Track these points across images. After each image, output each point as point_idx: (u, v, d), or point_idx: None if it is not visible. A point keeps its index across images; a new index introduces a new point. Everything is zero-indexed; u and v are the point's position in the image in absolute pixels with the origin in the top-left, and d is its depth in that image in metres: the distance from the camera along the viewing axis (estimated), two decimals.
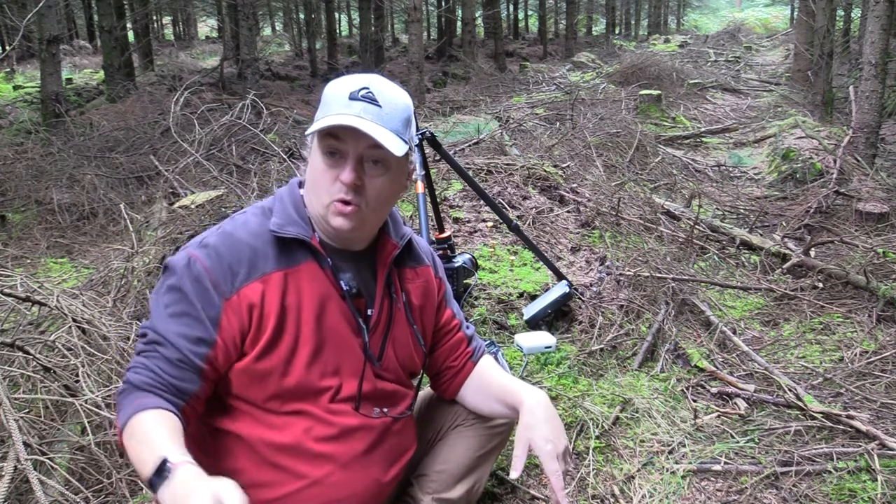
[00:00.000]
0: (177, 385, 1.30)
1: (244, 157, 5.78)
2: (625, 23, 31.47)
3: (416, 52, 10.78)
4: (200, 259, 1.34)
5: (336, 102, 1.35)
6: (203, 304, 1.33)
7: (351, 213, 1.35)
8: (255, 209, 1.46)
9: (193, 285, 1.33)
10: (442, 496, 1.64)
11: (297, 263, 1.40)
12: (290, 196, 1.46)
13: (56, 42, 8.11)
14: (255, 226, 1.41)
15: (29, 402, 2.24)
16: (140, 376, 1.30)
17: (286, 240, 1.39)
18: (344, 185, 1.33)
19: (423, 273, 1.60)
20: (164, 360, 1.31)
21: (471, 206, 4.35)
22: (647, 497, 2.10)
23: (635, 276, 3.41)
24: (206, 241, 1.38)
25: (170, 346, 1.31)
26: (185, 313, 1.33)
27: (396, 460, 1.54)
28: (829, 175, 5.32)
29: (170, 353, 1.31)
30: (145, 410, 1.24)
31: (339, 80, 1.40)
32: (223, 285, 1.34)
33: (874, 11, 5.69)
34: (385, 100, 1.35)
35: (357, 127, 1.29)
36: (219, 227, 1.42)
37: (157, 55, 16.57)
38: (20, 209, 5.43)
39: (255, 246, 1.38)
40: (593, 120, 7.42)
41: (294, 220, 1.41)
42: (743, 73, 13.94)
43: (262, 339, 1.36)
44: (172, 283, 1.35)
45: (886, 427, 2.39)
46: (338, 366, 1.42)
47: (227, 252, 1.36)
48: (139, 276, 3.13)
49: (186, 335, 1.32)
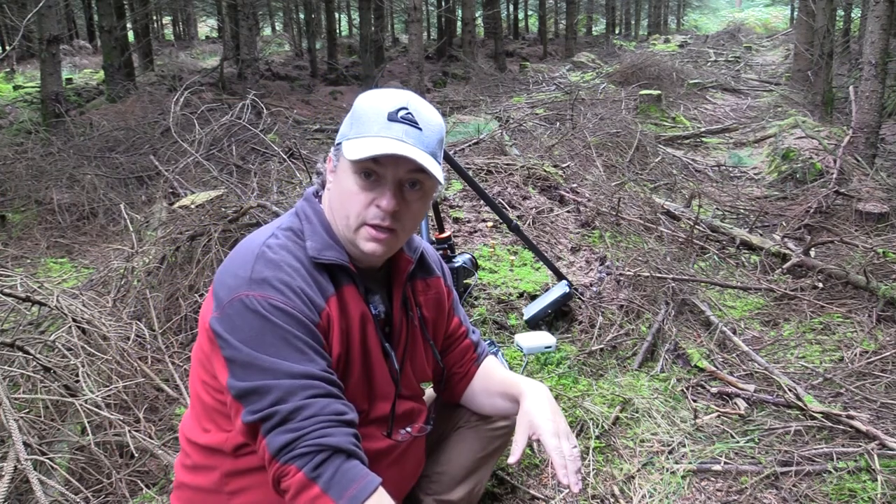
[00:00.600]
0: (353, 420, 1.24)
1: (244, 157, 5.78)
2: (625, 23, 31.47)
3: (416, 52, 10.78)
4: (270, 296, 1.23)
5: (374, 122, 1.28)
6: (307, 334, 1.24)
7: (385, 239, 1.31)
8: (286, 232, 1.36)
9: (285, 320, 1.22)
10: (443, 498, 1.65)
11: (341, 286, 1.34)
12: (317, 215, 1.38)
13: (56, 42, 8.10)
14: (297, 250, 1.32)
15: (29, 402, 2.24)
16: (335, 437, 1.17)
17: (326, 265, 1.33)
18: (383, 211, 1.28)
19: (435, 284, 1.58)
20: (330, 401, 1.21)
21: (471, 206, 4.35)
22: (647, 497, 2.10)
23: (635, 276, 3.41)
24: (256, 276, 1.24)
25: (323, 383, 1.22)
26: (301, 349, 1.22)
27: (409, 481, 1.57)
28: (829, 175, 5.32)
29: (327, 388, 1.22)
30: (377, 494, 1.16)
31: (373, 96, 1.34)
32: (308, 312, 1.25)
33: (874, 11, 5.69)
34: (424, 121, 1.31)
35: (406, 155, 1.24)
36: (260, 257, 1.28)
37: (157, 55, 16.57)
38: (20, 209, 5.43)
39: (310, 270, 1.31)
40: (593, 120, 7.42)
41: (329, 244, 1.34)
42: (743, 73, 13.94)
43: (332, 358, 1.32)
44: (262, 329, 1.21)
45: (886, 427, 2.39)
46: (369, 389, 1.41)
47: (292, 280, 1.26)
48: (139, 276, 3.13)
49: (321, 367, 1.23)
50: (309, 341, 1.23)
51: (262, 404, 1.18)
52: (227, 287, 1.26)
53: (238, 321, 1.22)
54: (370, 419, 1.41)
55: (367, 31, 15.42)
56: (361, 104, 1.33)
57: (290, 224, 1.37)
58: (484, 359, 1.70)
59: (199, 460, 1.37)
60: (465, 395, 1.68)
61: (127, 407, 2.31)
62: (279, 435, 1.16)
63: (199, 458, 1.37)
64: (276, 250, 1.30)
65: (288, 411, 1.17)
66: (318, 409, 1.18)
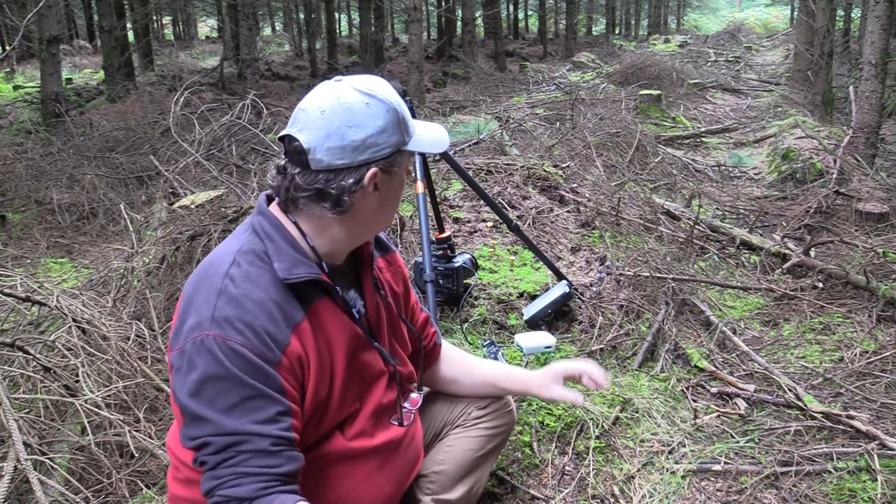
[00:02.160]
0: (286, 472, 1.20)
1: (244, 157, 5.78)
2: (625, 23, 31.46)
3: (416, 52, 10.78)
4: (228, 337, 1.19)
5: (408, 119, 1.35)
6: (260, 380, 1.20)
7: None
8: (247, 256, 1.29)
9: (238, 364, 1.19)
10: (441, 497, 1.64)
11: (313, 302, 1.31)
12: (277, 230, 1.31)
13: (56, 42, 8.11)
14: (261, 277, 1.26)
15: (29, 402, 2.24)
16: (244, 487, 1.17)
17: (296, 283, 1.29)
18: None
19: (394, 259, 1.60)
20: (256, 455, 1.18)
21: (471, 206, 4.35)
22: (647, 497, 2.10)
23: (635, 276, 3.41)
24: (218, 314, 1.21)
25: (254, 438, 1.18)
26: (247, 398, 1.19)
27: (409, 474, 1.57)
28: (829, 175, 5.32)
29: (258, 444, 1.18)
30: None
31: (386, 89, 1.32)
32: (269, 353, 1.22)
33: (874, 11, 5.69)
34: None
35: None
36: (222, 293, 1.23)
37: (157, 55, 16.57)
38: (20, 209, 5.44)
39: (276, 299, 1.25)
40: (593, 120, 7.42)
41: (297, 260, 1.29)
42: (743, 73, 13.93)
43: (308, 390, 1.29)
44: (207, 375, 1.19)
45: (886, 427, 2.40)
46: (361, 389, 1.42)
47: (255, 318, 1.22)
48: (139, 276, 3.13)
49: (262, 419, 1.19)
50: (259, 387, 1.20)
51: (200, 454, 1.22)
52: (189, 325, 1.23)
53: (196, 360, 1.20)
54: (367, 412, 1.42)
55: (367, 31, 15.42)
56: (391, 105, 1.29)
57: (250, 246, 1.30)
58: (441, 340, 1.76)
59: (189, 474, 1.36)
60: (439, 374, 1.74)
61: (127, 407, 2.31)
62: (206, 481, 1.21)
63: (189, 473, 1.36)
64: (238, 283, 1.24)
65: (215, 462, 1.20)
66: (238, 461, 1.19)
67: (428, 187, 2.87)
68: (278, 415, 1.21)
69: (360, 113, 1.26)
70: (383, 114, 1.28)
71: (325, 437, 1.37)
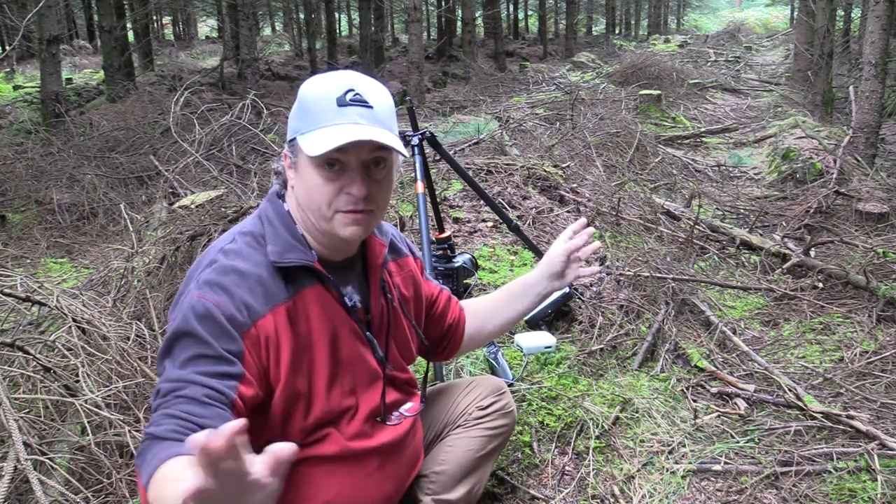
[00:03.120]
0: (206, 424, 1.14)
1: (244, 157, 5.79)
2: (625, 23, 31.47)
3: (416, 52, 10.78)
4: (204, 296, 1.23)
5: (325, 111, 1.26)
6: (220, 340, 1.20)
7: (363, 220, 1.30)
8: (245, 237, 1.34)
9: (204, 324, 1.20)
10: (442, 497, 1.64)
11: (302, 289, 1.33)
12: (279, 217, 1.36)
13: (56, 42, 8.11)
14: (253, 255, 1.31)
15: (29, 402, 2.24)
16: (162, 427, 1.14)
17: (288, 267, 1.32)
18: (355, 197, 1.27)
19: (405, 263, 1.60)
20: (187, 402, 1.16)
21: (471, 206, 4.35)
22: (647, 497, 2.10)
23: (635, 276, 3.41)
24: (204, 279, 1.26)
25: (192, 385, 1.17)
26: (201, 354, 1.19)
27: (409, 473, 1.57)
28: (829, 175, 5.32)
29: (193, 391, 1.16)
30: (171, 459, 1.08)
31: (316, 83, 1.30)
32: (239, 317, 1.23)
33: (874, 11, 5.69)
34: (374, 98, 1.29)
35: (368, 139, 1.22)
36: (213, 263, 1.29)
37: (157, 55, 16.58)
38: (20, 209, 5.44)
39: (262, 276, 1.29)
40: (593, 120, 7.42)
41: (291, 245, 1.33)
42: (743, 73, 13.93)
43: (281, 375, 1.28)
44: (176, 330, 1.21)
45: (886, 427, 2.40)
46: (353, 384, 1.41)
47: (235, 285, 1.25)
48: (139, 276, 3.12)
49: (208, 372, 1.18)
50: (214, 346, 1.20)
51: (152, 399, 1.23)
52: (181, 294, 1.30)
53: (173, 317, 1.26)
54: (363, 412, 1.42)
55: (367, 31, 15.43)
56: (307, 93, 1.29)
57: (251, 228, 1.36)
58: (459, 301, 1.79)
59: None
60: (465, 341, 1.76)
61: (127, 407, 2.31)
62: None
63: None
64: (230, 257, 1.30)
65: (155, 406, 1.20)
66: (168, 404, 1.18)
67: (428, 187, 2.87)
68: (224, 374, 1.20)
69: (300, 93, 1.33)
70: (297, 99, 1.32)
71: (322, 437, 1.37)
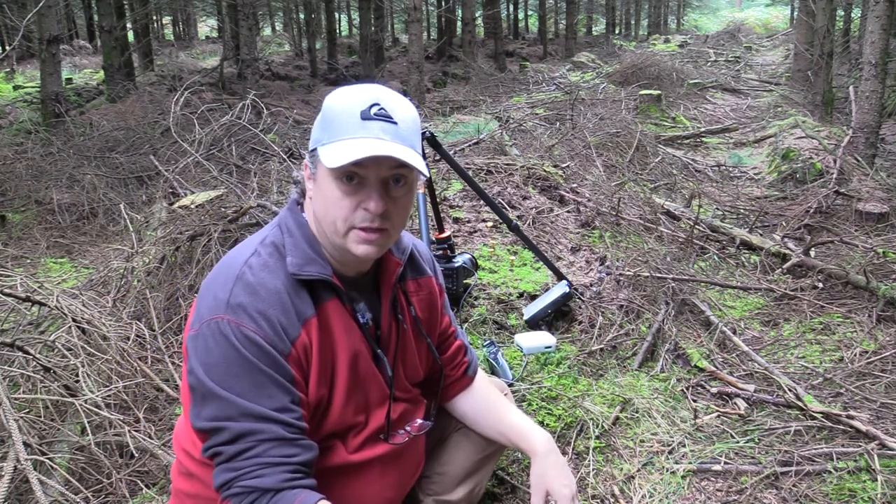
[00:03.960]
0: (305, 461, 1.21)
1: (244, 157, 5.78)
2: (625, 23, 31.47)
3: (416, 52, 10.78)
4: (242, 323, 1.22)
5: (348, 124, 1.24)
6: (273, 367, 1.22)
7: (377, 239, 1.28)
8: (267, 248, 1.33)
9: (252, 350, 1.21)
10: (443, 498, 1.65)
11: (323, 302, 1.32)
12: (299, 228, 1.35)
13: (56, 42, 8.10)
14: (277, 269, 1.30)
15: (29, 402, 2.24)
16: (269, 478, 1.18)
17: (308, 280, 1.31)
18: (372, 214, 1.25)
19: (426, 284, 1.56)
20: (275, 445, 1.19)
21: (471, 206, 4.35)
22: (647, 497, 2.10)
23: (635, 276, 3.41)
24: (234, 300, 1.24)
25: (271, 425, 1.20)
26: (261, 384, 1.21)
27: (409, 480, 1.56)
28: (829, 175, 5.32)
29: (275, 432, 1.20)
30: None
31: (341, 95, 1.29)
32: (280, 343, 1.24)
33: (874, 11, 5.69)
34: (399, 115, 1.27)
35: (388, 155, 1.20)
36: (240, 279, 1.27)
37: (157, 55, 16.57)
38: (20, 209, 5.44)
39: (290, 292, 1.28)
40: (593, 120, 7.42)
41: (311, 258, 1.31)
42: (743, 73, 13.94)
43: (311, 383, 1.30)
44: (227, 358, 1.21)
45: (886, 427, 2.40)
46: (366, 400, 1.41)
47: (269, 307, 1.24)
48: (139, 276, 3.12)
49: (278, 407, 1.21)
50: (273, 375, 1.22)
51: (213, 441, 1.22)
52: (206, 307, 1.27)
53: (210, 343, 1.23)
54: (370, 428, 1.42)
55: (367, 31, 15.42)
56: (331, 105, 1.28)
57: (273, 238, 1.34)
58: (475, 370, 1.69)
59: (193, 469, 1.36)
60: (453, 402, 1.67)
61: (127, 407, 2.31)
62: (222, 473, 1.21)
63: (194, 467, 1.36)
64: (255, 272, 1.28)
65: (233, 453, 1.21)
66: (259, 451, 1.20)
67: (428, 187, 2.86)
68: (291, 403, 1.23)
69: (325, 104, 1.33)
70: (322, 110, 1.31)
71: (326, 449, 1.36)
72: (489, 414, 1.64)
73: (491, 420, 1.63)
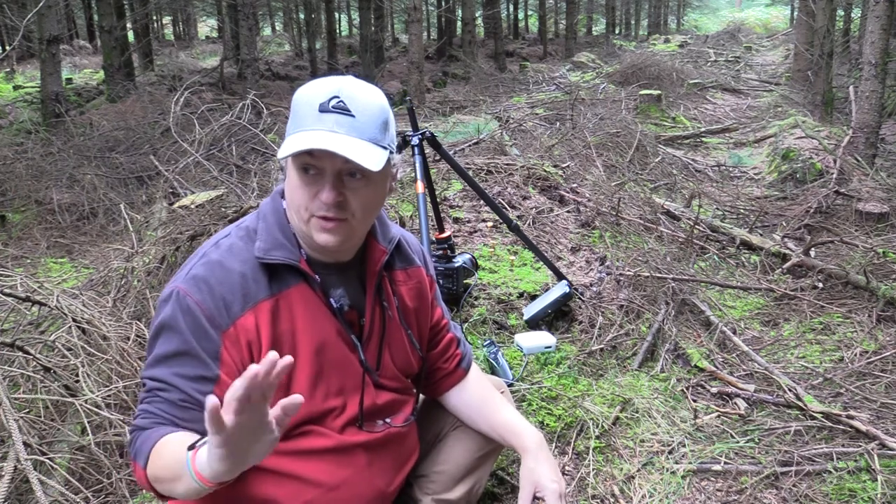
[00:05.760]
0: (187, 427, 1.25)
1: (244, 157, 5.79)
2: (625, 23, 31.46)
3: (416, 52, 10.78)
4: (189, 293, 1.28)
5: (307, 116, 1.26)
6: (199, 339, 1.27)
7: (335, 228, 1.29)
8: (240, 231, 1.38)
9: (186, 320, 1.27)
10: (442, 497, 1.64)
11: (287, 287, 1.34)
12: (275, 214, 1.38)
13: (56, 42, 8.11)
14: (242, 251, 1.34)
15: (29, 402, 2.24)
16: (146, 420, 1.26)
17: (274, 265, 1.34)
18: (325, 203, 1.27)
19: (415, 274, 1.57)
20: (167, 404, 1.26)
21: (471, 206, 4.35)
22: (647, 497, 2.10)
23: (635, 276, 3.41)
24: (192, 272, 1.31)
25: (171, 389, 1.26)
26: (181, 352, 1.27)
27: (400, 469, 1.56)
28: (829, 175, 5.32)
29: (172, 395, 1.26)
30: (165, 436, 1.21)
31: (308, 87, 1.30)
32: (218, 318, 1.28)
33: (874, 11, 5.69)
34: (358, 107, 1.26)
35: (329, 150, 1.21)
36: (204, 256, 1.35)
37: (157, 55, 16.58)
38: (20, 209, 5.44)
39: (245, 273, 1.32)
40: (593, 120, 7.42)
41: (279, 243, 1.34)
42: (743, 73, 13.93)
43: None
44: (162, 322, 1.29)
45: (886, 427, 2.40)
46: (341, 385, 1.41)
47: (218, 283, 1.29)
48: (139, 276, 3.12)
49: (186, 375, 1.26)
50: (194, 346, 1.27)
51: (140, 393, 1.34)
52: (173, 279, 1.36)
53: (163, 306, 1.31)
54: (347, 415, 1.41)
55: (367, 31, 15.42)
56: (298, 96, 1.30)
57: (248, 223, 1.39)
58: (469, 363, 1.70)
59: None
60: (446, 396, 1.68)
61: (127, 407, 2.31)
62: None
63: None
64: (221, 251, 1.34)
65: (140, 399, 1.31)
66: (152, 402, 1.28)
67: (428, 187, 2.86)
68: (201, 378, 1.27)
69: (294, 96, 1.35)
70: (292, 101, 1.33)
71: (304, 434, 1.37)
72: (482, 409, 1.64)
73: (483, 415, 1.64)
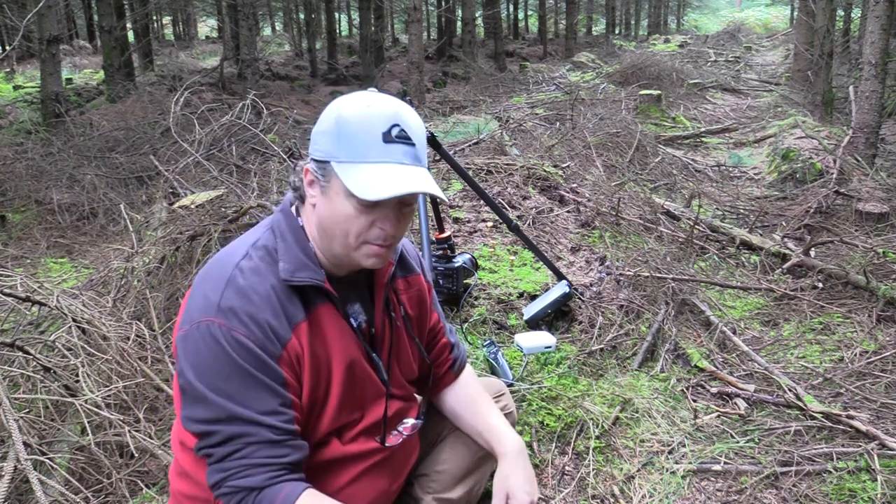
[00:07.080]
0: (292, 461, 1.25)
1: (244, 157, 5.78)
2: (625, 23, 31.46)
3: (416, 52, 10.78)
4: (234, 328, 1.23)
5: (370, 146, 1.23)
6: (262, 371, 1.24)
7: (386, 252, 1.32)
8: (259, 251, 1.33)
9: (243, 356, 1.23)
10: (442, 496, 1.65)
11: (315, 307, 1.33)
12: (293, 233, 1.34)
13: (56, 42, 8.11)
14: (268, 274, 1.30)
15: (29, 402, 2.24)
16: (253, 478, 1.22)
17: (299, 286, 1.32)
18: (386, 233, 1.28)
19: (415, 282, 1.58)
20: (264, 446, 1.23)
21: (471, 206, 4.35)
22: (647, 497, 2.10)
23: (635, 276, 3.41)
24: (224, 305, 1.25)
25: (259, 428, 1.23)
26: (251, 387, 1.23)
27: (403, 470, 1.57)
28: (829, 175, 5.32)
29: (263, 435, 1.23)
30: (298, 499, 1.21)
31: (358, 110, 1.26)
32: (270, 346, 1.25)
33: (874, 11, 5.69)
34: (415, 134, 1.28)
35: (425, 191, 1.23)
36: (229, 283, 1.27)
37: (157, 55, 16.58)
38: (20, 209, 5.44)
39: (281, 297, 1.29)
40: (593, 120, 7.42)
41: (303, 264, 1.31)
42: (743, 73, 13.93)
43: (303, 391, 1.31)
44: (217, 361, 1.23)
45: (886, 427, 2.40)
46: (362, 399, 1.42)
47: (258, 310, 1.25)
48: (139, 276, 3.12)
49: (267, 410, 1.23)
50: (262, 379, 1.24)
51: (204, 443, 1.26)
52: (197, 308, 1.27)
53: (200, 345, 1.24)
54: (365, 425, 1.43)
55: (367, 31, 15.43)
56: (349, 120, 1.25)
57: (265, 242, 1.34)
58: (461, 367, 1.70)
59: (188, 468, 1.37)
60: (441, 401, 1.69)
61: (127, 407, 2.31)
62: (213, 473, 1.26)
63: (189, 466, 1.37)
64: (246, 275, 1.28)
65: (222, 455, 1.25)
66: (246, 453, 1.24)
67: None
68: (281, 406, 1.26)
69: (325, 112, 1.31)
70: (332, 118, 1.28)
71: (322, 444, 1.38)
72: (469, 412, 1.65)
73: (470, 418, 1.65)
